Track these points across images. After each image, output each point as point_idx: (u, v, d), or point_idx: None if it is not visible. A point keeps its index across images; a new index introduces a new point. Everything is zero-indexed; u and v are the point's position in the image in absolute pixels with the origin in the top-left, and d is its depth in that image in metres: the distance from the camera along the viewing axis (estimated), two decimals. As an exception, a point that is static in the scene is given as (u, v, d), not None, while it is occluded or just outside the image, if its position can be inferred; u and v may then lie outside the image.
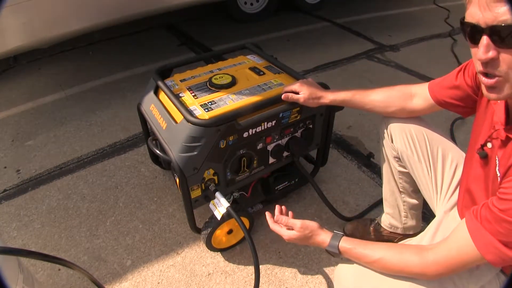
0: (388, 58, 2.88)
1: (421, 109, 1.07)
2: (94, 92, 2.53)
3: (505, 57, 0.59)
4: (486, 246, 0.67)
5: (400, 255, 0.79)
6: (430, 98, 1.04)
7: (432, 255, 0.75)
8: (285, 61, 1.50)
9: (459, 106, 0.98)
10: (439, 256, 0.74)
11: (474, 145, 0.83)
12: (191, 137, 1.11)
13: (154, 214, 1.58)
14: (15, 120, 2.27)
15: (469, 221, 0.70)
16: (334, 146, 1.94)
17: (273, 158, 1.36)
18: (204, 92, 1.29)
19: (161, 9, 2.58)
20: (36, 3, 1.95)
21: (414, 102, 1.08)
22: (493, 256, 0.66)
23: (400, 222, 1.31)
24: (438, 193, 1.07)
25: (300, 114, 1.30)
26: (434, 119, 1.95)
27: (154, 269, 1.36)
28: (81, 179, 1.78)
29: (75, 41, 3.07)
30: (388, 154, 1.20)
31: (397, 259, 0.79)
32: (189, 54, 3.02)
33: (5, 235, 1.51)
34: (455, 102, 0.98)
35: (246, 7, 3.52)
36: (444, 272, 0.74)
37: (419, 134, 1.08)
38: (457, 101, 0.97)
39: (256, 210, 1.48)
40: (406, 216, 1.29)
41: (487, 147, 0.77)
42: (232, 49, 1.63)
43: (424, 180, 1.09)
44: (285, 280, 1.31)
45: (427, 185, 1.09)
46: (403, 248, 0.82)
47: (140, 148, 1.96)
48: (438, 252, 0.75)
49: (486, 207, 0.67)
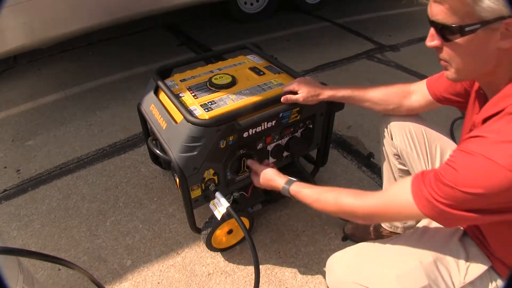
0: (388, 58, 2.88)
1: (420, 106, 1.08)
2: (94, 92, 2.53)
3: (446, 48, 0.70)
4: (422, 199, 0.71)
5: (336, 195, 0.88)
6: (428, 95, 1.05)
7: (367, 198, 0.83)
8: (285, 61, 1.49)
9: (457, 101, 0.98)
10: (375, 200, 0.81)
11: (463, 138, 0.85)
12: (191, 137, 1.11)
13: (154, 214, 1.58)
14: (15, 120, 2.27)
15: (414, 179, 0.75)
16: (334, 146, 1.94)
17: (273, 158, 1.36)
18: (204, 92, 1.29)
19: (161, 9, 2.58)
20: (36, 3, 1.95)
21: (413, 99, 1.08)
22: (428, 210, 0.70)
23: (400, 221, 1.31)
24: None
25: (300, 114, 1.30)
26: (434, 119, 1.95)
27: (154, 269, 1.36)
28: (81, 179, 1.78)
29: (75, 41, 3.07)
30: (388, 152, 1.20)
31: (333, 198, 0.89)
32: (189, 54, 3.02)
33: (5, 235, 1.51)
34: (453, 98, 0.98)
35: (246, 7, 3.51)
36: (374, 214, 0.82)
37: (418, 132, 1.09)
38: (454, 96, 0.98)
39: (256, 210, 1.48)
40: (406, 216, 1.29)
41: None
42: (232, 49, 1.63)
43: None
44: (285, 280, 1.31)
45: None
46: (341, 190, 0.90)
47: (140, 148, 1.96)
48: (375, 196, 0.82)
49: (432, 170, 0.72)
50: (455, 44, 0.67)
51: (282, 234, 1.48)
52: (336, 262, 0.92)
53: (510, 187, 0.60)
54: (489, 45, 0.65)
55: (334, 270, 0.91)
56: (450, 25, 0.65)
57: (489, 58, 0.68)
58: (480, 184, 0.63)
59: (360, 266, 0.87)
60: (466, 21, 0.63)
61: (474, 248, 0.86)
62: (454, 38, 0.66)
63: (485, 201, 0.64)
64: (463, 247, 0.86)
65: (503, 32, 0.63)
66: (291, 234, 1.48)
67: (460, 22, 0.64)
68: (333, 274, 0.91)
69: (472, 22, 0.63)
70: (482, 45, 0.66)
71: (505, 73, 0.69)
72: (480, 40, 0.65)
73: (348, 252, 0.92)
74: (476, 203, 0.65)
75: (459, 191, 0.65)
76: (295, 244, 1.44)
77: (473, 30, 0.63)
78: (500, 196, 0.63)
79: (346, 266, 0.89)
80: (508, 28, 0.62)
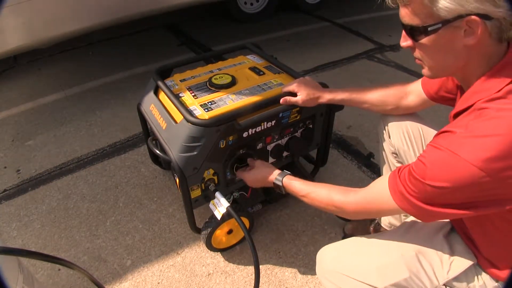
0: (388, 58, 2.88)
1: (416, 105, 1.09)
2: (94, 92, 2.53)
3: (417, 48, 0.74)
4: (397, 192, 0.74)
5: (327, 191, 0.92)
6: (423, 94, 1.06)
7: (353, 195, 0.86)
8: (285, 61, 1.49)
9: (451, 99, 0.99)
10: (359, 197, 0.85)
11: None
12: (191, 137, 1.11)
13: (154, 214, 1.58)
14: (15, 120, 2.27)
15: (391, 174, 0.78)
16: (334, 146, 1.94)
17: (273, 158, 1.36)
18: (204, 92, 1.29)
19: (161, 9, 2.58)
20: (36, 3, 1.95)
21: (409, 99, 1.10)
22: (404, 204, 0.73)
23: (400, 221, 1.31)
24: None
25: (300, 114, 1.30)
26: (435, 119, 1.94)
27: (154, 269, 1.36)
28: (81, 179, 1.78)
29: (75, 41, 3.07)
30: (387, 151, 1.21)
31: (324, 194, 0.92)
32: (189, 54, 3.02)
33: (5, 235, 1.51)
34: (447, 95, 0.99)
35: (246, 7, 3.51)
36: (360, 211, 0.86)
37: (415, 130, 1.10)
38: (448, 94, 0.99)
39: (256, 210, 1.48)
40: (406, 215, 1.29)
41: None
42: (232, 49, 1.63)
43: None
44: (285, 280, 1.31)
45: None
46: (332, 187, 0.93)
47: (140, 148, 1.96)
48: (359, 193, 0.85)
49: (407, 165, 0.74)
50: (423, 43, 0.71)
51: (282, 234, 1.48)
52: (324, 253, 0.95)
53: (474, 181, 0.62)
54: (455, 42, 0.67)
55: (322, 260, 0.94)
56: (415, 26, 0.69)
57: (458, 55, 0.70)
58: (445, 178, 0.65)
59: (345, 257, 0.91)
60: (428, 21, 0.67)
61: (460, 244, 0.87)
62: (421, 38, 0.70)
63: (453, 196, 0.66)
64: (448, 242, 0.87)
65: (466, 30, 0.65)
66: (291, 234, 1.48)
67: (423, 23, 0.67)
68: (322, 264, 0.94)
69: (434, 22, 0.66)
70: (448, 43, 0.68)
71: (475, 69, 0.71)
72: (445, 38, 0.67)
73: (337, 245, 0.96)
74: (444, 197, 0.67)
75: (427, 185, 0.67)
76: (295, 244, 1.44)
77: (435, 30, 0.67)
78: (466, 191, 0.64)
79: (333, 258, 0.93)
80: (470, 26, 0.64)
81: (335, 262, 0.91)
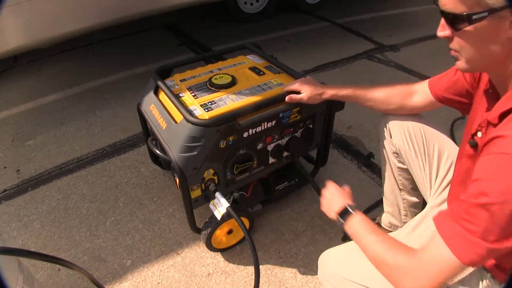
0: (388, 58, 2.88)
1: (421, 106, 1.08)
2: (94, 92, 2.53)
3: (456, 38, 0.70)
4: (457, 241, 0.63)
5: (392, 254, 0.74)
6: (430, 95, 1.05)
7: (417, 264, 0.69)
8: (285, 61, 1.49)
9: (458, 102, 0.99)
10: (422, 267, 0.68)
11: (466, 138, 0.84)
12: (191, 137, 1.11)
13: (154, 214, 1.58)
14: (15, 120, 2.27)
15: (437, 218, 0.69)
16: (334, 146, 1.94)
17: (273, 158, 1.36)
18: (204, 92, 1.29)
19: (162, 9, 2.58)
20: (36, 3, 1.95)
21: (414, 99, 1.09)
22: (471, 255, 0.62)
23: (400, 221, 1.31)
24: (431, 189, 1.07)
25: (300, 114, 1.30)
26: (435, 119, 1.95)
27: (154, 269, 1.36)
28: (81, 179, 1.78)
29: (75, 41, 3.07)
30: (388, 150, 1.21)
31: (390, 256, 0.74)
32: (189, 54, 3.02)
33: (5, 235, 1.51)
34: (454, 98, 0.99)
35: (246, 7, 3.51)
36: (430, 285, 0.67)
37: (416, 130, 1.10)
38: (456, 97, 0.98)
39: (256, 210, 1.48)
40: (406, 215, 1.29)
41: (477, 136, 0.78)
42: (232, 49, 1.63)
43: (420, 175, 1.10)
44: (285, 280, 1.31)
45: (423, 181, 1.10)
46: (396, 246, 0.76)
47: (140, 148, 1.96)
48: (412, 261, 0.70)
49: (456, 200, 0.66)
50: (464, 33, 0.67)
51: (282, 234, 1.48)
52: (327, 257, 0.94)
53: None
54: (498, 34, 0.65)
55: (325, 264, 0.93)
56: (459, 14, 0.66)
57: (499, 48, 0.67)
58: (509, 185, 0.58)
59: (349, 262, 0.90)
60: (474, 9, 0.64)
61: None
62: (463, 26, 0.67)
63: None
64: None
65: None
66: (291, 234, 1.48)
67: (468, 11, 0.64)
68: (324, 268, 0.93)
69: (481, 9, 0.63)
70: (491, 34, 0.65)
71: None
72: (489, 28, 0.65)
73: (340, 248, 0.95)
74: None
75: (492, 205, 0.59)
76: (295, 244, 1.44)
77: (481, 18, 0.64)
78: None
79: (336, 262, 0.91)
80: None
81: (337, 266, 0.90)
